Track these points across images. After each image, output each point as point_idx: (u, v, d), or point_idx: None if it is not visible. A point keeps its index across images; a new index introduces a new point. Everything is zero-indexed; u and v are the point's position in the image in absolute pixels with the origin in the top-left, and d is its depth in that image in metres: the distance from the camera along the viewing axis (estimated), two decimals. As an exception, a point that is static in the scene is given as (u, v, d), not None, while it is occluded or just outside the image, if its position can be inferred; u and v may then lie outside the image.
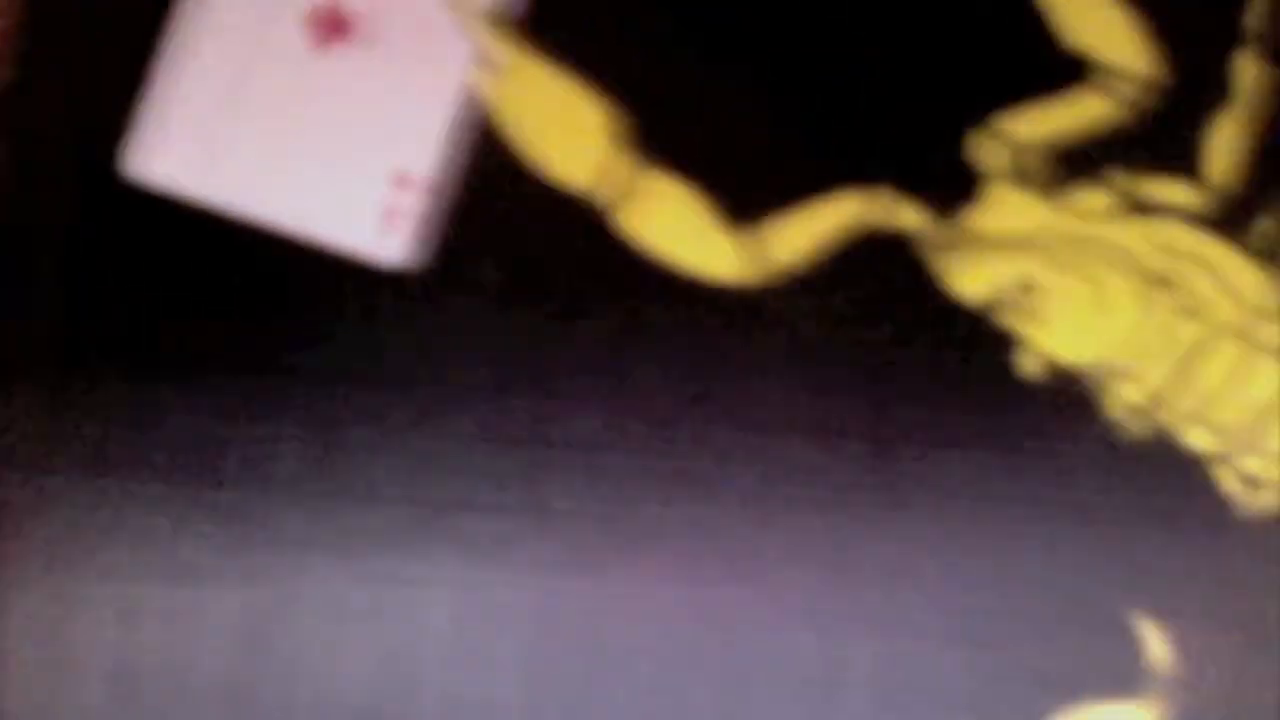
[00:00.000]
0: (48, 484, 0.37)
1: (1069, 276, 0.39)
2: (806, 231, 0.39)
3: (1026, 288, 0.39)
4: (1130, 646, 0.38)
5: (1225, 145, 0.40)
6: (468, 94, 0.39)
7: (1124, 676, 0.38)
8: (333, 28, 0.39)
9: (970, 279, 0.39)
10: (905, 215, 0.39)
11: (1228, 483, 0.39)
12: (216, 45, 0.39)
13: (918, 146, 0.39)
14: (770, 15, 0.40)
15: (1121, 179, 0.39)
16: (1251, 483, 0.39)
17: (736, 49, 0.39)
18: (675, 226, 0.39)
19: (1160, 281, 0.39)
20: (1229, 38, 0.40)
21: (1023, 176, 0.39)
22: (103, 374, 0.38)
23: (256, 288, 0.38)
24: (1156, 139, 0.40)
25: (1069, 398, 0.39)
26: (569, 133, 0.39)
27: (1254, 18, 0.40)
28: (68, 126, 0.38)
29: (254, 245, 0.38)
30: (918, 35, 0.40)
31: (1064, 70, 0.40)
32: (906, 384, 0.38)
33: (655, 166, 0.39)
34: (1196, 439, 0.39)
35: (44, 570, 0.37)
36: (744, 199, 0.39)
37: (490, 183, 0.39)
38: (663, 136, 0.39)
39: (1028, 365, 0.39)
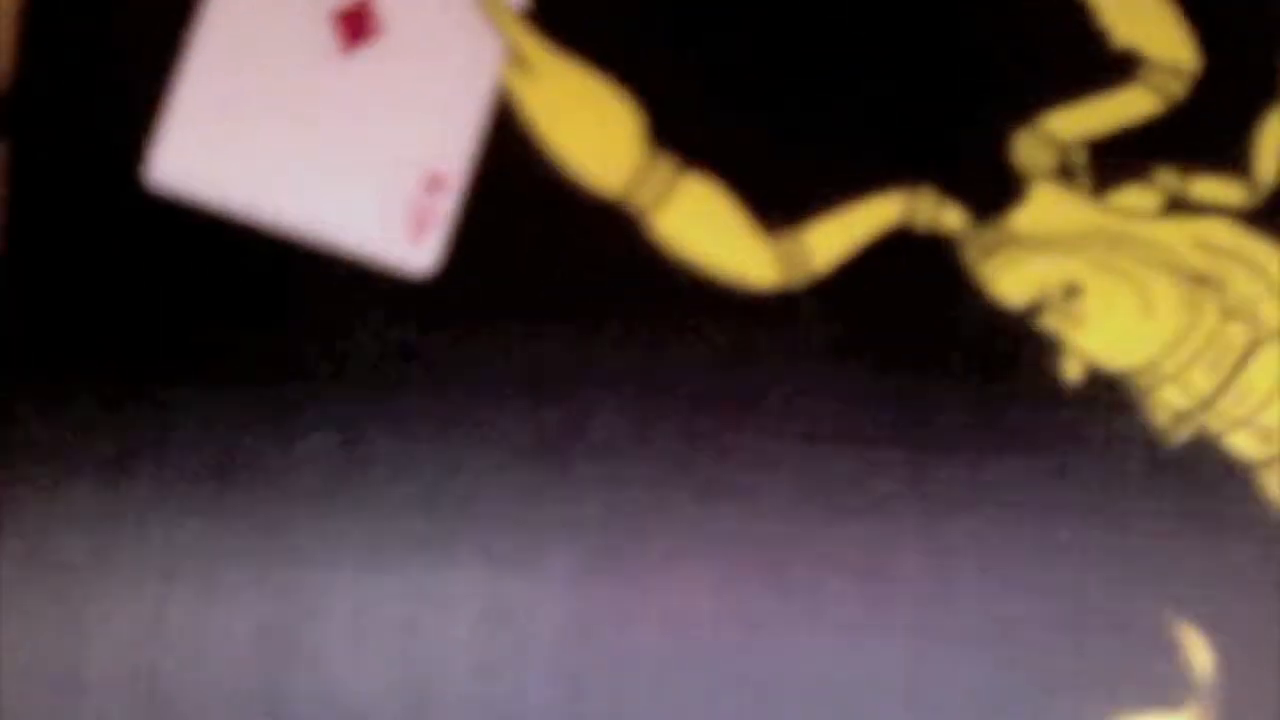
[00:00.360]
0: (66, 493, 0.37)
1: (1113, 278, 0.38)
2: (845, 234, 0.38)
3: (1070, 290, 0.38)
4: (1172, 655, 0.38)
5: (1275, 141, 0.38)
6: (497, 94, 0.38)
7: (1165, 685, 0.38)
8: (359, 28, 0.38)
9: (1012, 281, 0.38)
10: (948, 216, 0.38)
11: (1273, 488, 0.38)
12: (240, 47, 0.38)
13: (960, 146, 0.38)
14: (800, 7, 0.38)
15: (1168, 177, 0.38)
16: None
17: (761, 44, 0.38)
18: (710, 231, 0.38)
19: (1207, 283, 0.38)
20: (1275, 32, 0.39)
21: (1067, 176, 0.38)
22: (122, 381, 0.37)
23: (279, 295, 0.38)
24: (1204, 136, 0.39)
25: (1110, 403, 0.38)
26: (602, 135, 0.38)
27: (1307, 11, 0.39)
28: (84, 129, 0.38)
29: (277, 251, 0.38)
30: (959, 31, 0.39)
31: (1110, 67, 0.39)
32: (943, 391, 0.38)
33: (688, 169, 0.38)
34: (1242, 444, 0.38)
35: (62, 581, 0.37)
36: (779, 202, 0.38)
37: (518, 185, 0.38)
38: (687, 138, 0.38)
39: (1070, 369, 0.38)
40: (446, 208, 0.38)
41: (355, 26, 0.38)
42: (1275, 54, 0.39)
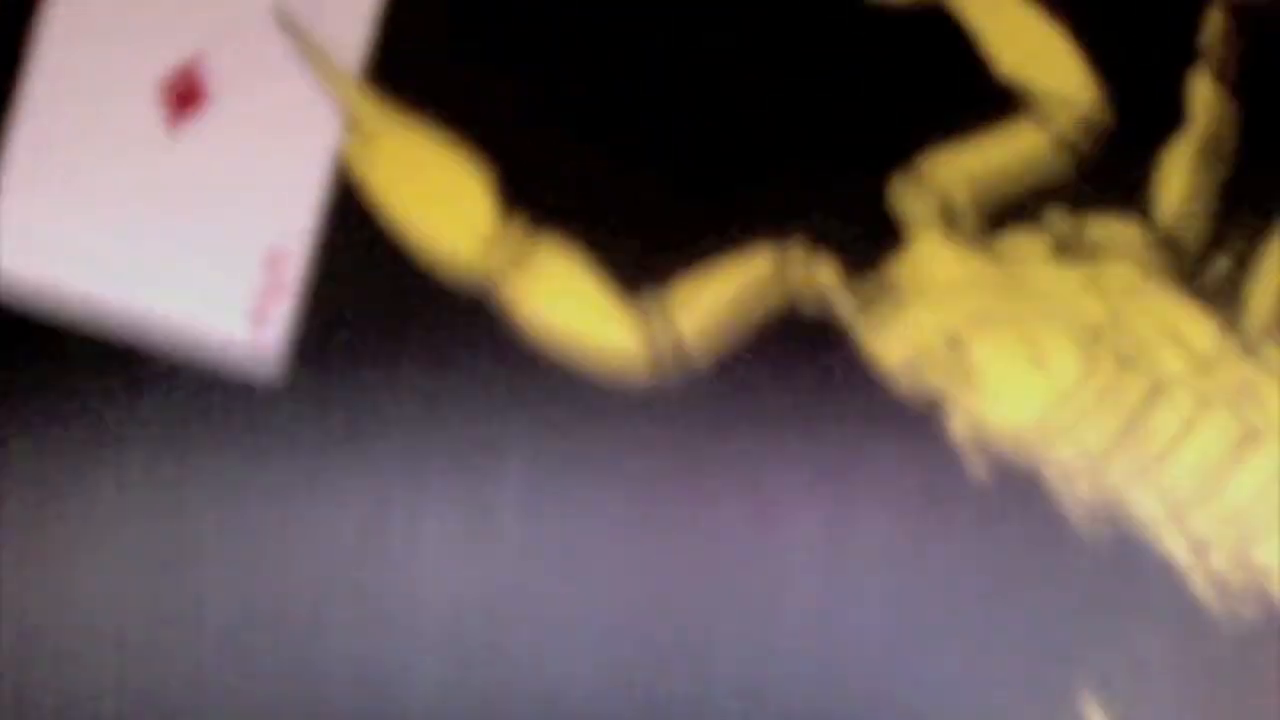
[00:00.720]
0: None
1: (1000, 331, 0.36)
2: (713, 295, 0.36)
3: (953, 345, 0.36)
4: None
5: (1177, 178, 0.36)
6: (336, 163, 0.36)
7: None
8: (187, 98, 0.36)
9: (891, 338, 0.36)
10: (821, 272, 0.36)
11: (1174, 546, 0.36)
12: (63, 125, 0.36)
13: (832, 193, 0.36)
14: (648, 51, 0.36)
15: (1061, 219, 0.36)
16: (1218, 583, 0.36)
17: (616, 95, 0.36)
18: (568, 298, 0.36)
19: (1103, 332, 0.36)
20: (1179, 59, 0.36)
21: (950, 222, 0.36)
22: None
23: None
24: (1100, 173, 0.36)
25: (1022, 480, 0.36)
26: (448, 203, 0.36)
27: (1208, 35, 0.36)
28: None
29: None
30: (827, 69, 0.36)
31: (994, 102, 0.36)
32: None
33: (542, 233, 0.36)
34: (1145, 506, 0.36)
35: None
36: (639, 264, 0.36)
37: (362, 262, 0.36)
38: (539, 200, 0.36)
39: (957, 428, 0.36)
40: (289, 287, 0.36)
41: (182, 97, 0.36)
42: (1180, 79, 0.36)
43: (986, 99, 0.36)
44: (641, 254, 0.36)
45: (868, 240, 0.36)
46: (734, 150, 0.36)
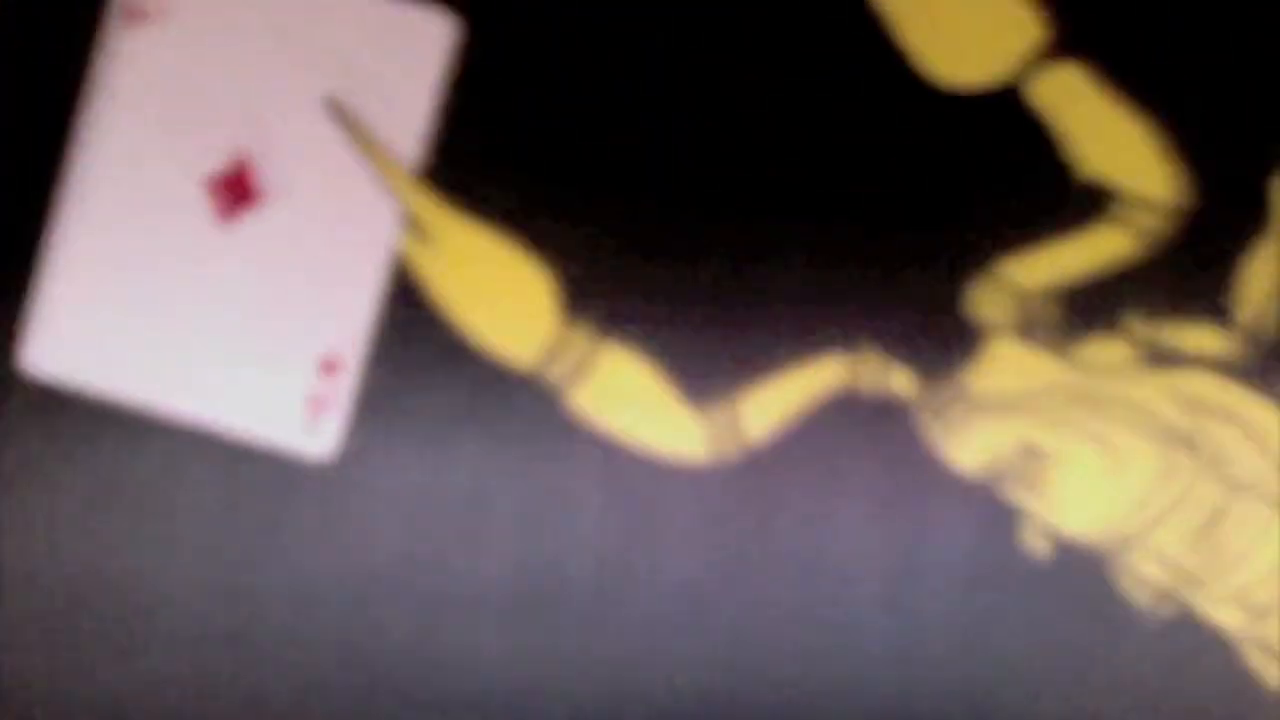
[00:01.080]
0: None
1: (1077, 439, 0.35)
2: (783, 402, 0.35)
3: (1029, 453, 0.35)
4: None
5: (1259, 283, 0.35)
6: (394, 264, 0.34)
7: None
8: (237, 195, 0.34)
9: (966, 445, 0.35)
10: (896, 379, 0.35)
11: (1252, 658, 0.35)
12: (109, 225, 0.34)
13: (910, 299, 0.35)
14: (717, 157, 0.34)
15: (1141, 325, 0.35)
16: (1276, 657, 0.35)
17: (685, 200, 0.34)
18: (634, 404, 0.35)
19: (1181, 440, 0.35)
20: (1263, 161, 0.34)
21: (1029, 328, 0.35)
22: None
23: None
24: (1181, 278, 0.35)
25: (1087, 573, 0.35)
26: (512, 305, 0.34)
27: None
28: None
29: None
30: (905, 172, 0.35)
31: (1079, 203, 0.35)
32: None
33: (607, 338, 0.35)
34: (1218, 612, 0.35)
35: None
36: (710, 371, 0.35)
37: (421, 362, 0.35)
38: (604, 305, 0.34)
39: (1032, 539, 0.35)
40: (344, 390, 0.34)
41: (232, 194, 0.34)
42: (1264, 184, 0.35)
43: (1067, 198, 0.35)
44: (713, 358, 0.35)
45: (944, 345, 0.35)
46: (806, 254, 0.35)
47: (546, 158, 0.34)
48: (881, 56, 0.34)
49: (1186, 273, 0.35)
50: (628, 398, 0.35)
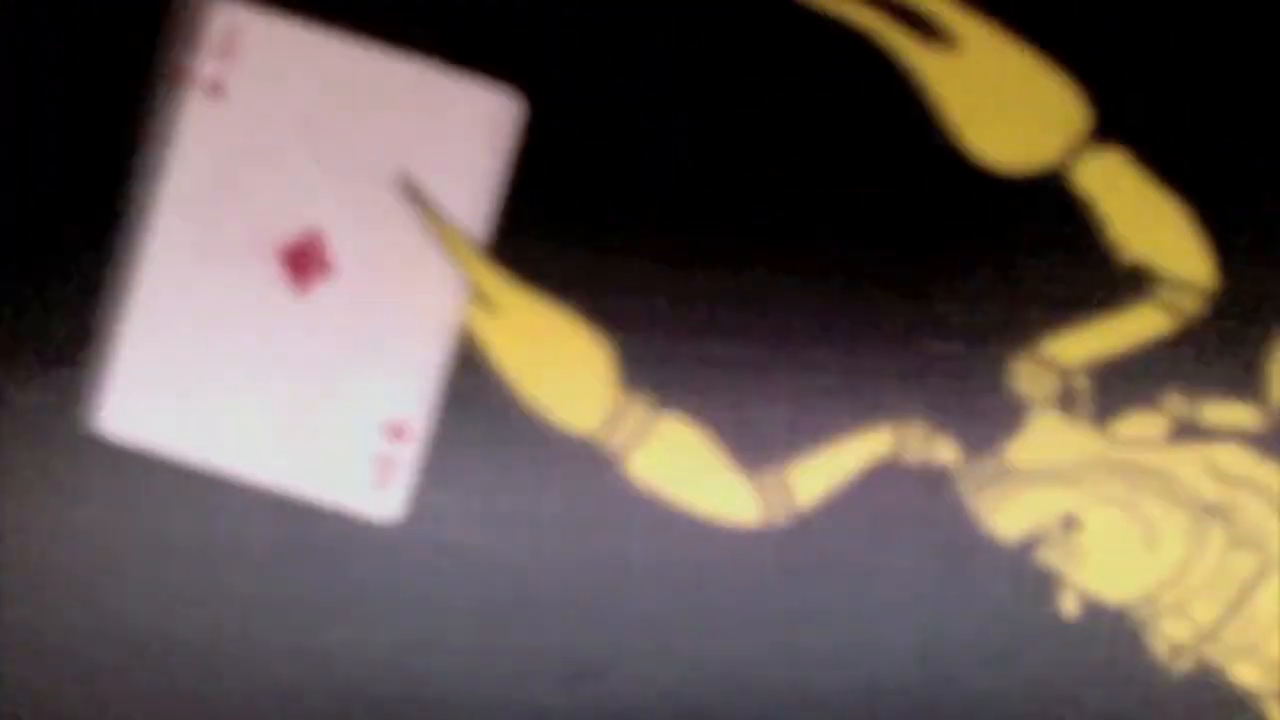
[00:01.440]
0: None
1: (1113, 510, 0.36)
2: (833, 471, 0.36)
3: (1068, 523, 0.36)
4: None
5: (1292, 362, 0.36)
6: (459, 334, 0.36)
7: None
8: (308, 265, 0.35)
9: (1009, 514, 0.36)
10: (940, 449, 0.36)
11: (1276, 716, 0.37)
12: (182, 290, 0.35)
13: (955, 375, 0.36)
14: (770, 233, 0.36)
15: (1177, 401, 0.36)
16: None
17: (737, 277, 0.36)
18: (689, 472, 0.36)
19: (1214, 512, 0.36)
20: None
21: (1069, 402, 0.36)
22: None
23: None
24: (1215, 356, 0.36)
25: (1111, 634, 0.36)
26: (572, 374, 0.36)
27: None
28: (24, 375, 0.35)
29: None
30: (951, 252, 0.36)
31: (1117, 284, 0.36)
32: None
33: (663, 409, 0.36)
34: (1246, 675, 0.37)
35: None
36: (761, 440, 0.36)
37: (484, 430, 0.36)
38: (656, 373, 0.36)
39: (1067, 603, 0.36)
40: (411, 455, 0.36)
41: (304, 264, 0.35)
42: (1295, 266, 0.36)
43: (1108, 279, 0.36)
44: (764, 427, 0.36)
45: (988, 419, 0.36)
46: (855, 330, 0.36)
47: (607, 232, 0.36)
48: (931, 139, 0.36)
49: (1219, 351, 0.36)
50: (683, 464, 0.36)
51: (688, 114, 0.36)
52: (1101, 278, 0.36)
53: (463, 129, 0.35)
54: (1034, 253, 0.36)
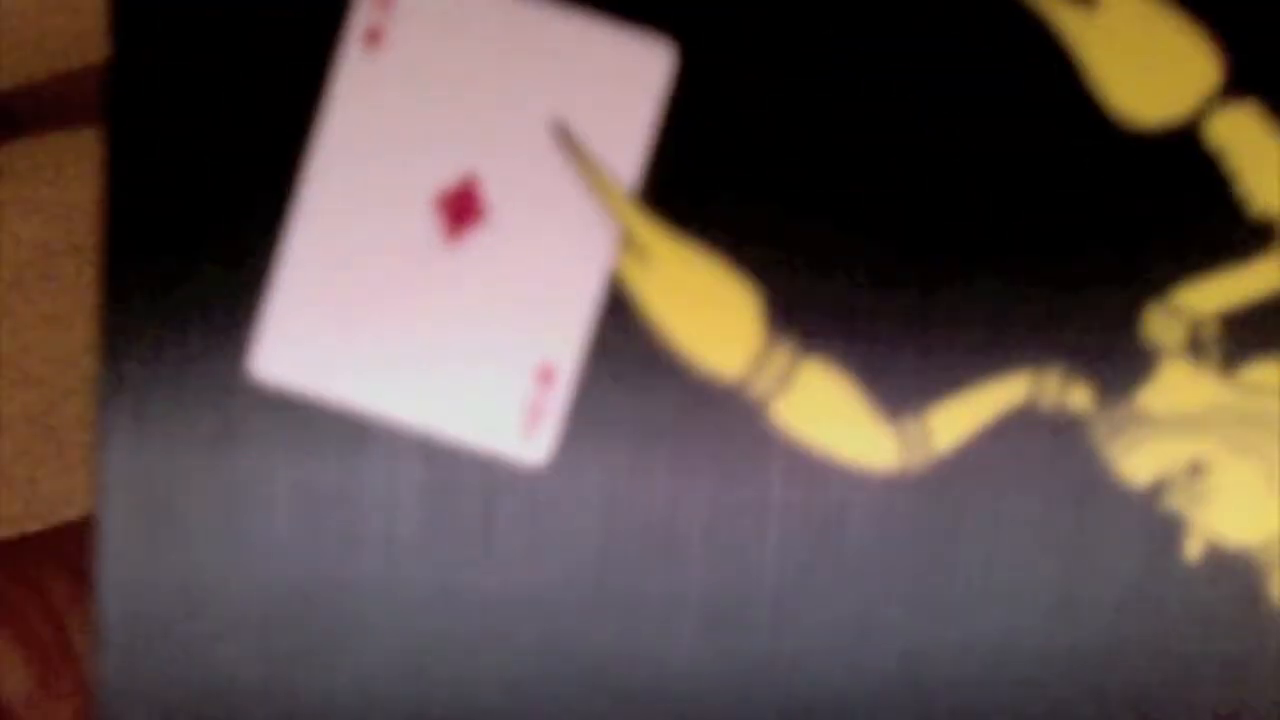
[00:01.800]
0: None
1: (1239, 455, 0.37)
2: (972, 417, 0.37)
3: (1195, 468, 0.37)
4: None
5: None
6: (609, 280, 0.36)
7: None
8: (464, 212, 0.36)
9: (1138, 460, 0.37)
10: (1075, 396, 0.37)
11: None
12: (339, 236, 0.36)
13: (1090, 323, 0.37)
14: (915, 184, 0.36)
15: (1301, 350, 0.37)
16: None
17: (880, 227, 0.36)
18: (831, 418, 0.37)
19: (1336, 459, 0.37)
20: None
21: (1198, 351, 0.37)
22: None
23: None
24: (1341, 307, 0.37)
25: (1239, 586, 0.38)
26: (720, 321, 0.36)
27: None
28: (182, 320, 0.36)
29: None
30: (1085, 205, 0.37)
31: (1246, 236, 0.37)
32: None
33: (808, 355, 0.36)
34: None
35: None
36: (903, 385, 0.37)
37: (632, 373, 0.36)
38: (801, 321, 0.36)
39: (1192, 548, 0.37)
40: (560, 400, 0.36)
41: (459, 211, 0.36)
42: None
43: (1239, 232, 0.37)
44: (904, 376, 0.37)
45: (1121, 367, 0.37)
46: (991, 278, 0.37)
47: (756, 182, 0.36)
48: (1074, 95, 0.37)
49: (1345, 302, 0.37)
50: (825, 411, 0.37)
51: (836, 67, 0.36)
52: (1232, 229, 0.37)
53: (617, 78, 0.36)
54: (1166, 204, 0.37)
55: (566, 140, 0.36)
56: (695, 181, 0.36)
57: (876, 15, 0.36)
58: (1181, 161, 0.37)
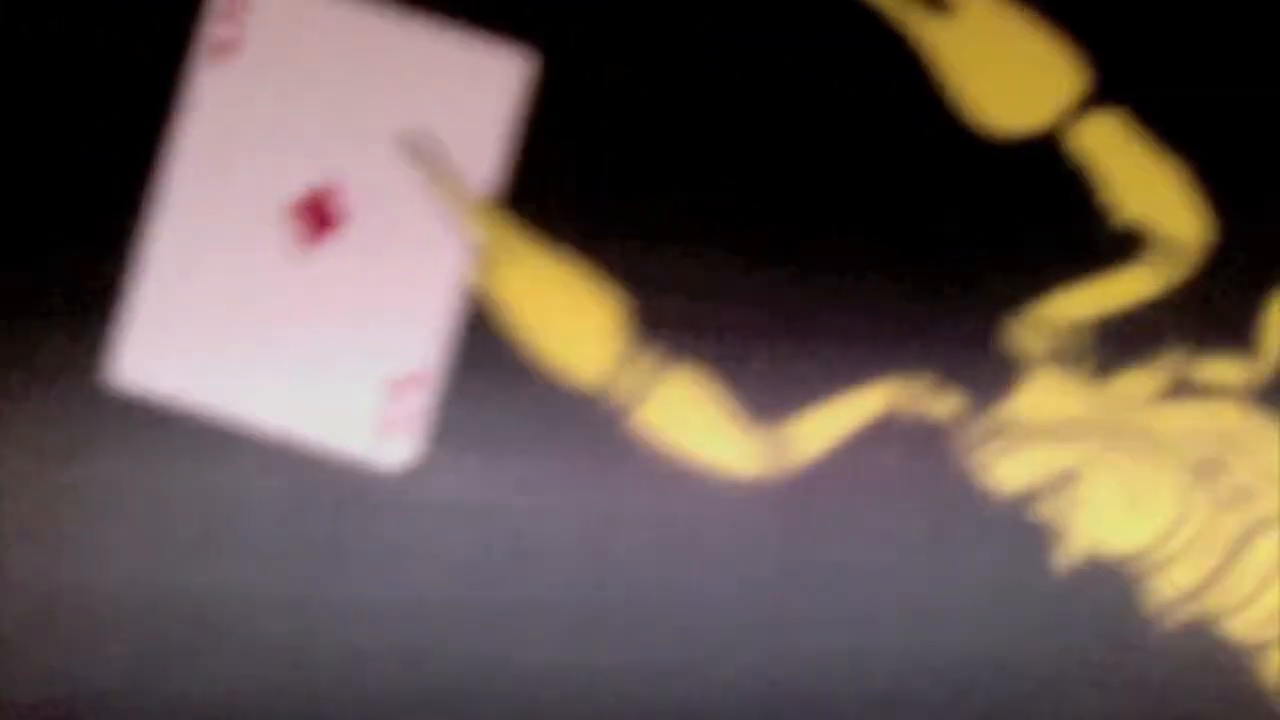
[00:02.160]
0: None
1: (1109, 466, 0.37)
2: (835, 425, 0.37)
3: (1066, 478, 0.37)
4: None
5: (1284, 321, 0.37)
6: (465, 288, 0.36)
7: None
8: (320, 221, 0.36)
9: (1008, 469, 0.37)
10: (941, 405, 0.37)
11: (1268, 674, 0.37)
12: (195, 245, 0.36)
13: (956, 332, 0.37)
14: (779, 194, 0.36)
15: (1172, 358, 0.37)
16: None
17: (748, 234, 0.36)
18: (694, 425, 0.36)
19: (1206, 469, 0.37)
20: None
21: (1066, 360, 0.37)
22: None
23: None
24: (1209, 313, 0.37)
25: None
26: (580, 327, 0.36)
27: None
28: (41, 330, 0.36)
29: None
30: (954, 212, 0.37)
31: (1113, 243, 0.37)
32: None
33: (672, 362, 0.36)
34: (1239, 629, 0.37)
35: None
36: (768, 394, 0.37)
37: (495, 381, 0.36)
38: (665, 327, 0.36)
39: (1065, 557, 0.37)
40: (418, 408, 0.36)
41: (315, 220, 0.36)
42: (1287, 226, 0.37)
43: (1104, 239, 0.37)
44: (770, 383, 0.36)
45: (989, 376, 0.37)
46: (857, 286, 0.36)
47: (619, 188, 0.36)
48: (937, 105, 0.36)
49: (1215, 308, 0.37)
50: (687, 418, 0.36)
51: (697, 73, 0.36)
52: (1098, 238, 0.37)
53: (473, 86, 0.36)
54: (1031, 213, 0.37)
55: (418, 153, 0.36)
56: (556, 189, 0.36)
57: (734, 18, 0.36)
58: (1048, 170, 0.37)
